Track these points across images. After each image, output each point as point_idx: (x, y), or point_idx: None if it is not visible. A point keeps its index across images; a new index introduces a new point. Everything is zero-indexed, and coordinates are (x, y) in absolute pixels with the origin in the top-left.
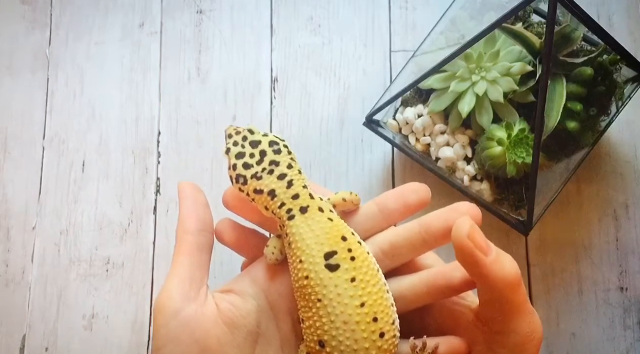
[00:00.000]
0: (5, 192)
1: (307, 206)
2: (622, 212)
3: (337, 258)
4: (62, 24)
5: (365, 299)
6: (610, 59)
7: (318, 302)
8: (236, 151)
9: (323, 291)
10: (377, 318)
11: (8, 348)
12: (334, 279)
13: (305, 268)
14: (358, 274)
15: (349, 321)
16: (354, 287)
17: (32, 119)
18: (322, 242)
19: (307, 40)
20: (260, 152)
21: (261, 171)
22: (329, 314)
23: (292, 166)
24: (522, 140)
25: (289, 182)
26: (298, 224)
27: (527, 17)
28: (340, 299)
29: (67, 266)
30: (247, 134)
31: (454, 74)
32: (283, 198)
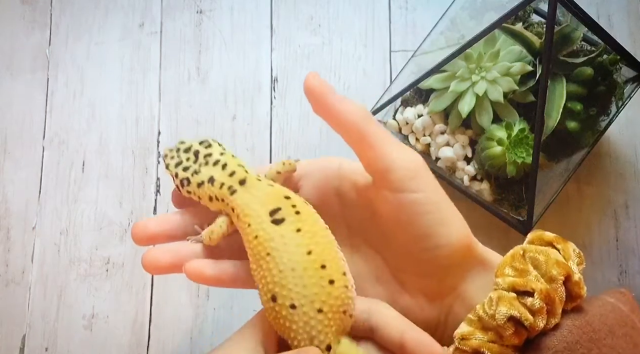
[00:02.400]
0: (5, 192)
1: (245, 178)
2: (622, 212)
3: (281, 213)
4: (62, 24)
5: (313, 247)
6: (610, 59)
7: (267, 256)
8: (174, 162)
9: (271, 243)
10: (325, 265)
11: (8, 348)
12: (279, 231)
13: (254, 228)
14: (304, 225)
15: (297, 267)
16: (301, 236)
17: (32, 119)
18: (266, 203)
19: (307, 40)
20: (194, 152)
21: (198, 167)
22: (277, 264)
23: (224, 153)
24: (522, 140)
25: (224, 165)
26: (241, 195)
27: (527, 17)
28: (287, 248)
29: (67, 266)
30: (179, 145)
31: (454, 74)
32: (221, 179)
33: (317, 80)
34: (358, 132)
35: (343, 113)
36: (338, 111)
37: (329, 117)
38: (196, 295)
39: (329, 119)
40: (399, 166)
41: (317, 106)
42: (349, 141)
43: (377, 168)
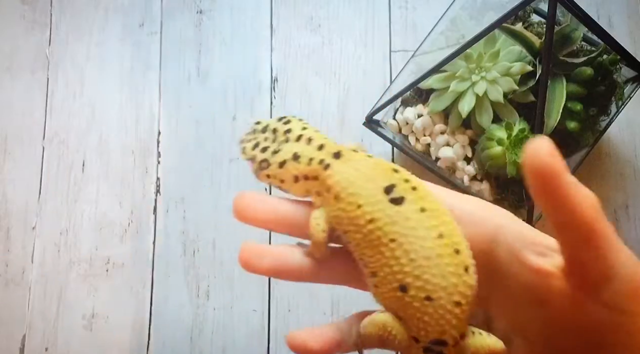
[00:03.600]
0: (5, 192)
1: (339, 150)
2: (622, 212)
3: (398, 191)
4: (62, 24)
5: (442, 229)
6: (610, 59)
7: (392, 243)
8: (250, 145)
9: (395, 228)
10: (459, 250)
11: (8, 348)
12: (403, 213)
13: (368, 210)
14: (425, 203)
15: (431, 255)
16: (428, 217)
17: (32, 119)
18: (375, 178)
19: (307, 40)
20: (272, 130)
21: (278, 145)
22: (407, 252)
23: (306, 127)
24: (522, 140)
25: (309, 139)
26: (338, 169)
27: (527, 17)
28: (416, 233)
29: (67, 266)
30: (255, 127)
31: (454, 74)
32: (308, 154)
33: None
34: (587, 227)
35: (577, 202)
36: (572, 201)
37: (556, 204)
38: (196, 295)
39: (553, 206)
40: (622, 278)
41: (542, 186)
42: (562, 231)
43: (590, 272)
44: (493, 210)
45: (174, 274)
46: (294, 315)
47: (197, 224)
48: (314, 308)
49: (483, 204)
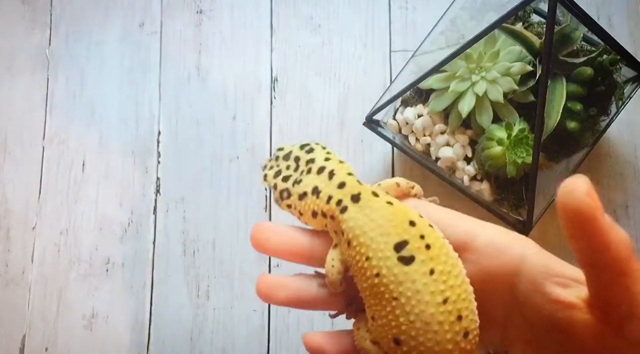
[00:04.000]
0: (5, 192)
1: (359, 192)
2: (622, 212)
3: (410, 249)
4: (62, 24)
5: (449, 294)
6: (610, 59)
7: (394, 301)
8: (272, 172)
9: (399, 288)
10: (461, 316)
11: (8, 348)
12: (410, 274)
13: (375, 265)
14: (437, 264)
15: (431, 321)
16: (434, 281)
17: (32, 119)
18: (389, 232)
19: (307, 40)
20: (295, 159)
21: (300, 175)
22: (407, 313)
23: (329, 158)
24: (522, 140)
25: (330, 172)
26: (354, 216)
27: (527, 17)
28: (420, 297)
29: (67, 266)
30: (277, 153)
31: (454, 74)
32: (328, 191)
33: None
34: (620, 269)
35: (612, 244)
36: (607, 242)
37: (590, 245)
38: (196, 295)
39: (587, 245)
40: None
41: (578, 227)
42: (593, 269)
43: (616, 309)
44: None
45: (174, 274)
46: (294, 315)
47: (197, 224)
48: None
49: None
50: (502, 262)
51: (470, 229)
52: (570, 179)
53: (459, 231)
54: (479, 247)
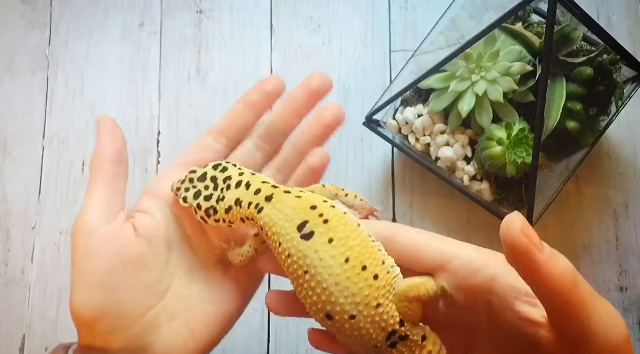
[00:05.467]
0: (5, 192)
1: (272, 194)
2: (622, 212)
3: (309, 226)
4: (62, 24)
5: (349, 253)
6: (610, 59)
7: (306, 275)
8: (192, 194)
9: (307, 261)
10: (365, 266)
11: (8, 348)
12: (312, 246)
13: (285, 247)
14: (335, 233)
15: (340, 280)
16: (334, 247)
17: (32, 119)
18: (292, 218)
19: (307, 40)
20: (212, 179)
21: (221, 192)
22: (319, 282)
23: (243, 173)
24: (522, 140)
25: (247, 184)
26: (268, 212)
27: (527, 17)
28: (325, 263)
29: (67, 266)
30: (191, 176)
31: (454, 74)
32: (248, 199)
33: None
34: (563, 299)
35: (551, 277)
36: (545, 274)
37: (530, 276)
38: None
39: (527, 276)
40: (598, 340)
41: (517, 261)
42: (542, 299)
43: (571, 334)
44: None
45: None
46: None
47: None
48: None
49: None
50: (475, 283)
51: (446, 252)
52: (508, 217)
53: (435, 253)
54: (453, 269)
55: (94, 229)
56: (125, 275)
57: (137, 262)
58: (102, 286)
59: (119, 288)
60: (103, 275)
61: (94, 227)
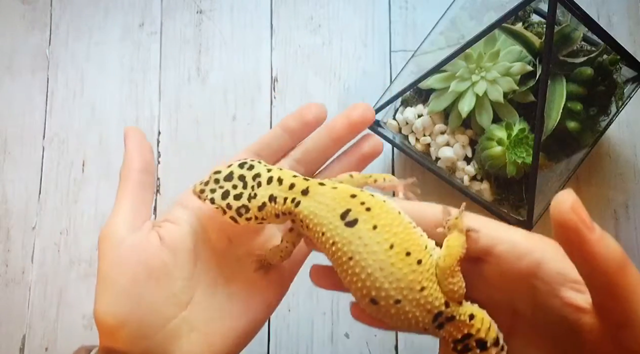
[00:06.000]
0: (5, 192)
1: (307, 187)
2: (622, 212)
3: (352, 214)
4: (62, 24)
5: (393, 240)
6: (610, 59)
7: (350, 261)
8: (219, 194)
9: (351, 247)
10: (409, 252)
11: (8, 348)
12: (356, 233)
13: (329, 236)
14: (378, 221)
15: (385, 265)
16: (378, 233)
17: (32, 119)
18: (334, 208)
19: (307, 40)
20: (239, 177)
21: (252, 190)
22: (363, 268)
23: (270, 169)
24: (522, 140)
25: (279, 180)
26: (306, 205)
27: (527, 17)
28: (369, 248)
29: (67, 266)
30: (215, 176)
31: (454, 74)
32: (283, 195)
33: (574, 209)
34: (609, 281)
35: (599, 258)
36: (594, 254)
37: (577, 255)
38: None
39: (574, 255)
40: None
41: (566, 240)
42: (588, 280)
43: (611, 318)
44: (537, 242)
45: None
46: (294, 315)
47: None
48: (314, 308)
49: (527, 236)
50: (521, 267)
51: (491, 236)
52: (559, 194)
53: (484, 237)
54: (499, 253)
55: (120, 237)
56: (149, 284)
57: (160, 271)
58: (126, 294)
59: (142, 296)
60: (127, 283)
61: (120, 235)
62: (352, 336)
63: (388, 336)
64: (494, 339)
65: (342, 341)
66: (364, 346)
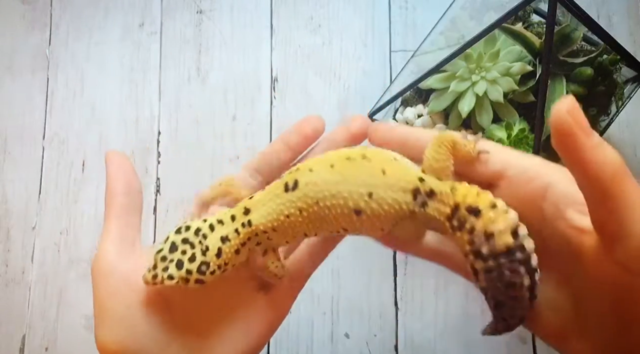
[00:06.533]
0: (5, 192)
1: (244, 206)
2: None
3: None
4: (62, 24)
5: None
6: (610, 59)
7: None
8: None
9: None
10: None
11: (8, 348)
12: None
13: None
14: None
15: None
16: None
17: (32, 119)
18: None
19: (307, 40)
20: (182, 242)
21: (200, 245)
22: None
23: (206, 219)
24: (522, 140)
25: (219, 221)
26: (256, 216)
27: (527, 17)
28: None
29: (67, 266)
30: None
31: (454, 74)
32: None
33: (571, 113)
34: (602, 191)
35: (593, 165)
36: (588, 161)
37: (572, 161)
38: None
39: (569, 161)
40: (635, 240)
41: (561, 144)
42: (584, 189)
43: (605, 230)
44: (547, 168)
45: None
46: (294, 315)
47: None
48: (314, 308)
49: (538, 162)
50: (530, 189)
51: (506, 160)
52: (561, 99)
53: (496, 161)
54: (511, 176)
55: (112, 267)
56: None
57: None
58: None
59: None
60: (123, 312)
61: (111, 265)
62: (352, 336)
63: (388, 336)
64: (491, 203)
65: (342, 341)
66: (364, 346)
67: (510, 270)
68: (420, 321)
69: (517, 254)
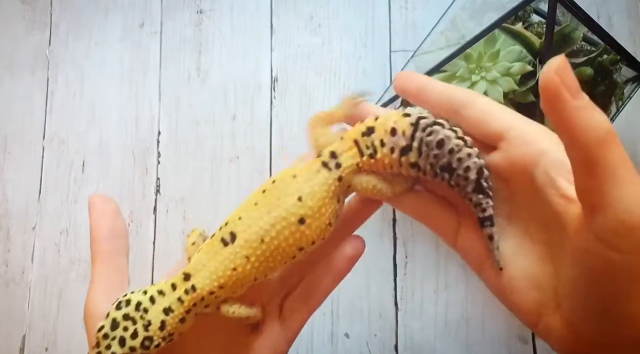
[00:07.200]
0: (5, 192)
1: (185, 272)
2: None
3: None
4: (62, 24)
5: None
6: (610, 59)
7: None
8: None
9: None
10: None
11: (8, 348)
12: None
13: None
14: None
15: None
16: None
17: (32, 119)
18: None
19: (307, 40)
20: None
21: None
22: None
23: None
24: None
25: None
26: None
27: (527, 17)
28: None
29: (67, 266)
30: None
31: (454, 74)
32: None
33: (559, 72)
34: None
35: (578, 127)
36: (573, 122)
37: (557, 122)
38: None
39: (555, 123)
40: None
41: (548, 106)
42: (569, 154)
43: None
44: (545, 134)
45: None
46: None
47: (197, 224)
48: None
49: (539, 129)
50: (524, 153)
51: (509, 122)
52: (551, 59)
53: (499, 122)
54: (510, 138)
55: (101, 313)
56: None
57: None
58: None
59: None
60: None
61: (101, 310)
62: (352, 336)
63: (388, 336)
64: (373, 120)
65: (342, 341)
66: (364, 346)
67: (428, 133)
68: (420, 321)
69: (421, 121)
